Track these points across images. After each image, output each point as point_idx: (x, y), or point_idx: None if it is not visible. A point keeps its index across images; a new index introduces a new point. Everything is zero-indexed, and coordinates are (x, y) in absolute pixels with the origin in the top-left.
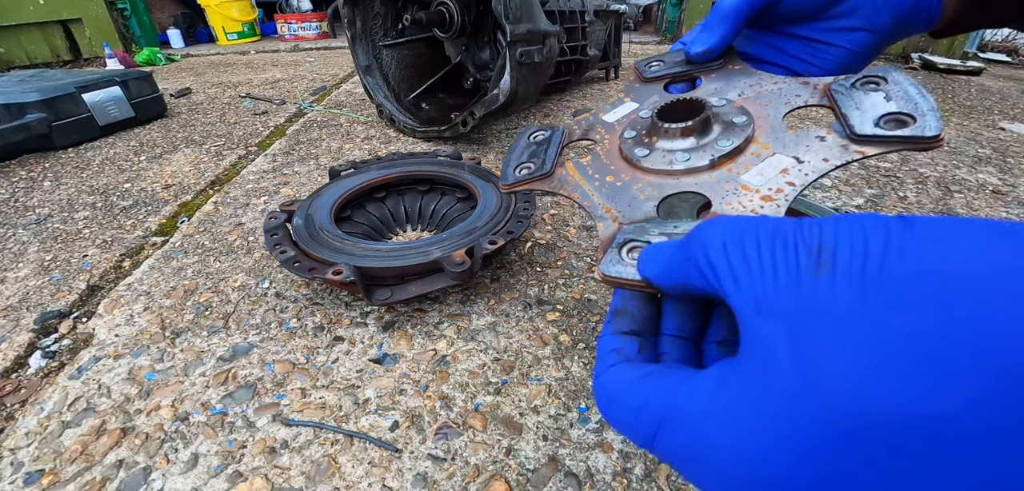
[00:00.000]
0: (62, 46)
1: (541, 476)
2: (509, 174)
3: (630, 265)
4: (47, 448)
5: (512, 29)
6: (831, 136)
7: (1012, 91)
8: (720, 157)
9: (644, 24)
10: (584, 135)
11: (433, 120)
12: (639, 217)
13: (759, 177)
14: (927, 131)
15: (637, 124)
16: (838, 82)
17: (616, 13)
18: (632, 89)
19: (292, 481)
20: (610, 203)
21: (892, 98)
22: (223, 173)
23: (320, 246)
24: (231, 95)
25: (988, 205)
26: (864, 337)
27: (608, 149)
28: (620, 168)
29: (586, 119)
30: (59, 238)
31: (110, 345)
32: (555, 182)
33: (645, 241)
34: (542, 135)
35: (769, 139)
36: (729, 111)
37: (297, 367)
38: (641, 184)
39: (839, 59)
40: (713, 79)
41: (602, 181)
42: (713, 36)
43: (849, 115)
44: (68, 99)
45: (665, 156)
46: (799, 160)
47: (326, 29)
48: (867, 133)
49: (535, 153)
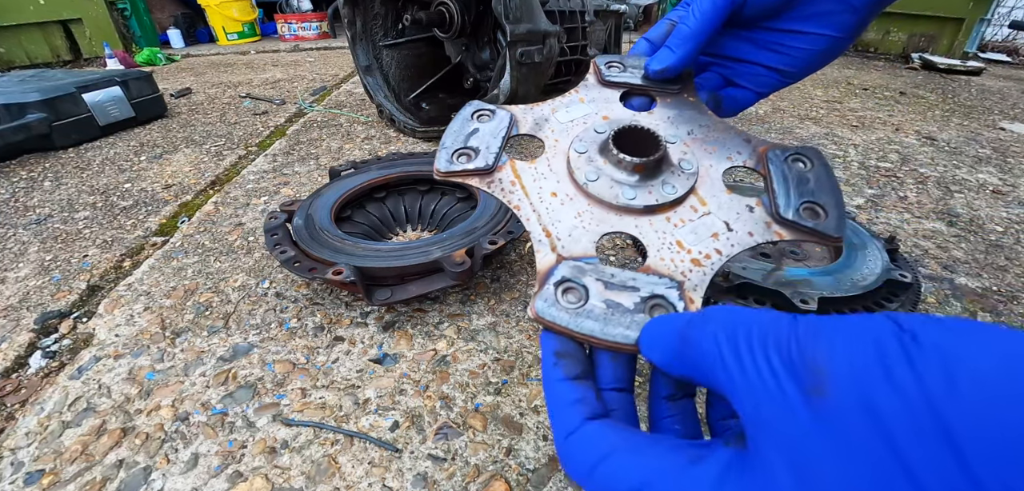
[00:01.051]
0: (62, 46)
1: (541, 476)
2: (443, 160)
3: (565, 310)
4: (47, 448)
5: (512, 29)
6: (759, 209)
7: (1012, 91)
8: (663, 203)
9: (644, 24)
10: (533, 130)
11: (433, 120)
12: (578, 251)
13: (693, 236)
14: (829, 231)
15: (588, 138)
16: (773, 151)
17: (616, 13)
18: (587, 88)
19: (292, 481)
20: (551, 227)
21: (812, 182)
22: (223, 173)
23: (320, 246)
24: (231, 95)
25: (988, 205)
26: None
27: (555, 156)
28: (565, 184)
29: (538, 110)
30: (59, 238)
31: (110, 345)
32: (495, 184)
33: (582, 286)
34: (487, 116)
35: (708, 194)
36: (678, 151)
37: (297, 367)
38: (583, 211)
39: (817, 47)
40: (668, 104)
41: (544, 195)
42: (673, 56)
43: (778, 193)
44: (68, 99)
45: (612, 187)
46: (729, 227)
47: (326, 29)
48: (788, 218)
49: (477, 137)
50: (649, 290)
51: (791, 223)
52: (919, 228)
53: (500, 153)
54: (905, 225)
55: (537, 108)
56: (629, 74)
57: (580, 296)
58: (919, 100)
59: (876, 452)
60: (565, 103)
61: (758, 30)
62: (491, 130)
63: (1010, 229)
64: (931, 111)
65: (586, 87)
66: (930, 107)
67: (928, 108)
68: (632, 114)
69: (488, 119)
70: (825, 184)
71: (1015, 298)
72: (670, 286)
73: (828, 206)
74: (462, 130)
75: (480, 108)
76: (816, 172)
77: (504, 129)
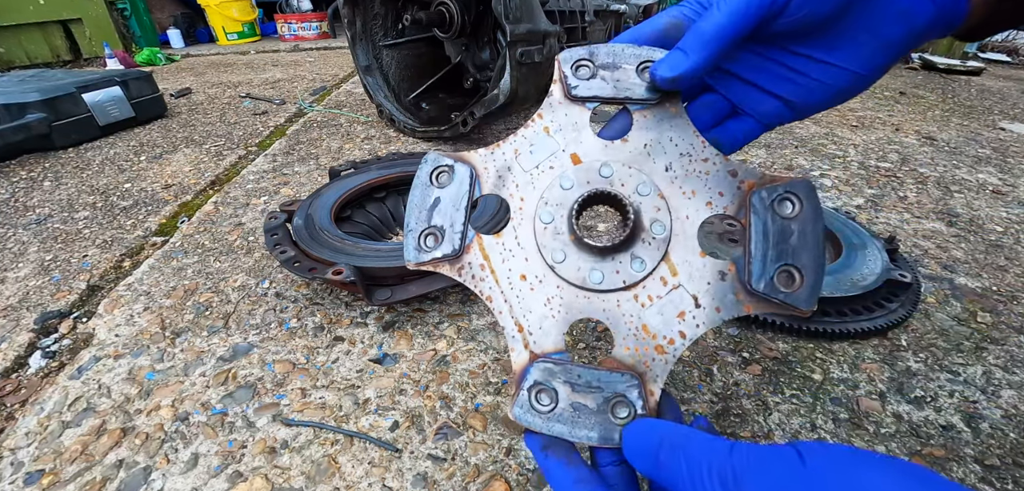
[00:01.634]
0: (62, 46)
1: (541, 476)
2: (412, 249)
3: (539, 415)
4: (47, 448)
5: (512, 29)
6: (731, 276)
7: (1012, 91)
8: (631, 283)
9: None
10: (496, 187)
11: (433, 120)
12: (548, 345)
13: (659, 318)
14: (802, 304)
15: (554, 201)
16: (759, 194)
17: (616, 13)
18: (553, 108)
19: (292, 481)
20: (522, 320)
21: (795, 236)
22: (223, 173)
23: (320, 246)
24: (231, 95)
25: (988, 205)
26: None
27: (522, 224)
28: (534, 263)
29: (500, 153)
30: (59, 238)
31: (110, 345)
32: (466, 270)
33: (553, 389)
34: (446, 173)
35: (680, 260)
36: (650, 209)
37: (297, 367)
38: (552, 296)
39: (837, 82)
40: (646, 125)
41: (514, 281)
42: (688, 61)
43: (754, 257)
44: (68, 99)
45: (579, 269)
46: (697, 302)
47: (326, 29)
48: (759, 291)
49: (440, 211)
50: (611, 390)
51: (761, 296)
52: (919, 228)
53: (466, 230)
54: (905, 225)
55: (500, 150)
56: (600, 82)
57: (552, 398)
58: (919, 100)
59: None
60: (529, 139)
61: (779, 50)
62: (452, 198)
63: (1010, 229)
64: (931, 111)
65: (551, 107)
66: (930, 107)
67: (928, 108)
68: (602, 149)
69: (448, 179)
70: (808, 239)
71: (1015, 298)
72: (631, 383)
73: (805, 269)
74: (424, 202)
75: (438, 165)
76: (802, 220)
77: (466, 193)
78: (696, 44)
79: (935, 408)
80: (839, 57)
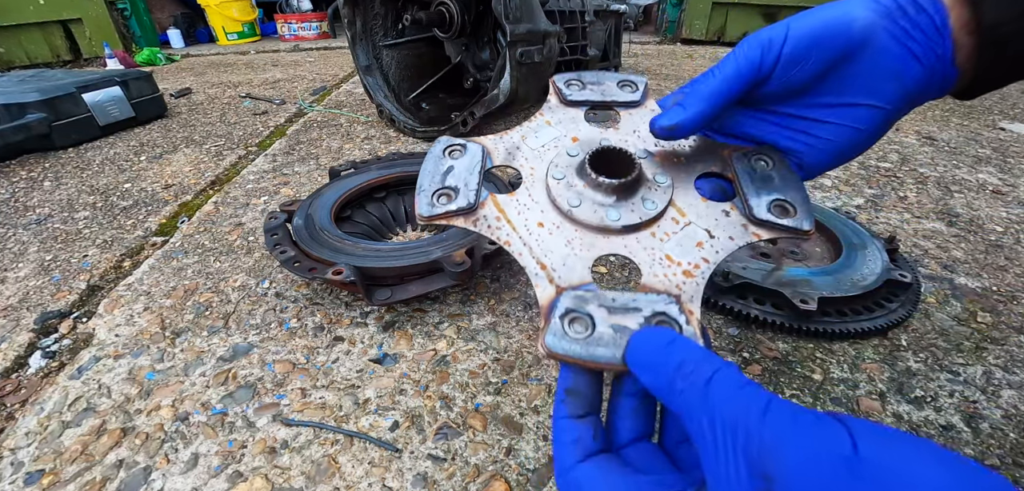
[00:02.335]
0: (62, 46)
1: (541, 476)
2: (424, 203)
3: (575, 341)
4: (47, 448)
5: (512, 29)
6: (734, 213)
7: (1012, 91)
8: (646, 220)
9: (644, 24)
10: (507, 160)
11: (433, 120)
12: (575, 280)
13: (679, 248)
14: (803, 226)
15: (563, 163)
16: (737, 155)
17: (616, 13)
18: (552, 109)
19: (292, 481)
20: (544, 258)
21: (776, 180)
22: (223, 173)
23: (320, 246)
24: (231, 95)
25: (988, 205)
26: None
27: (534, 185)
28: (550, 213)
29: (508, 138)
30: (59, 238)
31: (110, 345)
32: (481, 221)
33: (588, 314)
34: (459, 151)
35: (685, 204)
36: (650, 166)
37: (297, 367)
38: (572, 238)
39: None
40: (631, 117)
41: (531, 227)
42: (685, 114)
43: (748, 196)
44: (68, 99)
45: (595, 211)
46: (711, 234)
47: (326, 29)
48: (762, 218)
49: (454, 175)
50: (651, 309)
51: (766, 222)
52: (919, 228)
53: (479, 189)
54: (905, 225)
55: (507, 136)
56: (589, 91)
57: (587, 325)
58: None
59: None
60: (533, 128)
61: (776, 113)
62: (466, 165)
63: (1010, 229)
64: (931, 111)
65: (550, 109)
66: (930, 107)
67: (928, 108)
68: (600, 131)
69: (461, 154)
70: (789, 180)
71: (1015, 298)
72: (669, 302)
73: (795, 202)
74: (437, 169)
75: (451, 144)
76: (778, 170)
77: (478, 163)
78: (692, 100)
79: (935, 408)
80: (838, 115)
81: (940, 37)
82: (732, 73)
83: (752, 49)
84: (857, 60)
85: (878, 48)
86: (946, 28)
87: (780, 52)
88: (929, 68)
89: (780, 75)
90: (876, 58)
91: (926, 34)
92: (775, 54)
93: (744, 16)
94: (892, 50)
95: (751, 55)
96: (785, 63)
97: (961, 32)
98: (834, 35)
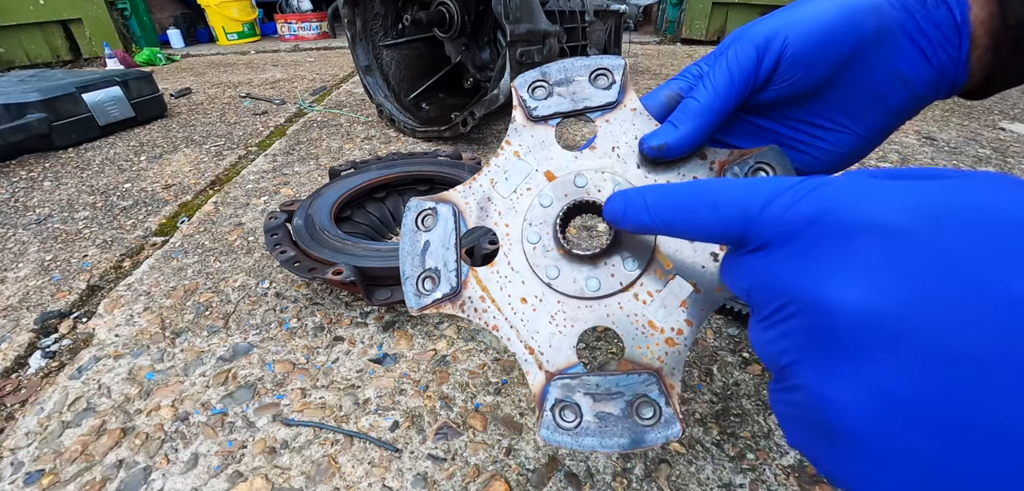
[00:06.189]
0: (62, 46)
1: (541, 476)
2: (412, 296)
3: (566, 432)
4: (47, 448)
5: (512, 29)
6: (722, 254)
7: (1012, 91)
8: (627, 284)
9: (644, 24)
10: (480, 218)
11: (433, 120)
12: (561, 362)
13: (663, 311)
14: None
15: (537, 221)
16: (731, 169)
17: (616, 13)
18: (518, 132)
19: (292, 481)
20: (531, 341)
21: None
22: (223, 173)
23: (320, 246)
24: (231, 95)
25: None
26: None
27: (512, 249)
28: (531, 284)
29: (478, 186)
30: (59, 238)
31: (110, 345)
32: (467, 306)
33: (575, 404)
34: (431, 217)
35: (670, 250)
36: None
37: (297, 367)
38: (556, 313)
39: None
40: (610, 127)
41: (515, 305)
42: (677, 133)
43: None
44: (68, 99)
45: (575, 281)
46: (696, 288)
47: (326, 29)
48: None
49: (432, 253)
50: (632, 392)
51: None
52: None
53: (459, 267)
54: None
55: (477, 183)
56: (557, 98)
57: (575, 413)
58: None
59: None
60: (503, 167)
61: (775, 121)
62: (440, 237)
63: None
64: (931, 111)
65: (516, 132)
66: (930, 107)
67: (928, 107)
68: (574, 160)
69: (433, 220)
70: None
71: None
72: (650, 381)
73: None
74: (414, 248)
75: (421, 210)
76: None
77: (452, 230)
78: (684, 118)
79: None
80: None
81: (957, 34)
82: (724, 84)
83: (745, 51)
84: (865, 62)
85: (890, 47)
86: (966, 25)
87: (779, 55)
88: (939, 69)
89: (779, 81)
90: (886, 59)
91: (941, 31)
92: (773, 57)
93: (744, 16)
94: (905, 50)
95: (745, 59)
96: (786, 66)
97: (980, 29)
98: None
